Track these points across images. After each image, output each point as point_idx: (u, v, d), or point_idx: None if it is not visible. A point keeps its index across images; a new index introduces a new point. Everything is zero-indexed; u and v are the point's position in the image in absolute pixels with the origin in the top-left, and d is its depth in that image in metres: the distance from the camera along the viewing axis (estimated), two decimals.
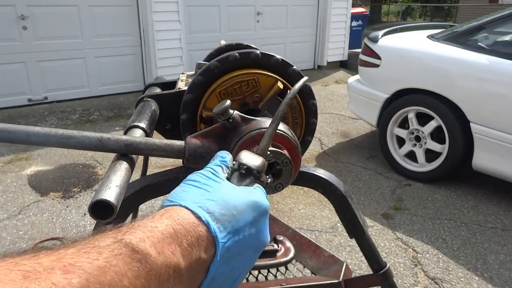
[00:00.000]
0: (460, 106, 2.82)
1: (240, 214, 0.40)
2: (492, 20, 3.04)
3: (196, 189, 0.41)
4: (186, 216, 0.37)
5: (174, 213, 0.37)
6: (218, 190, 0.41)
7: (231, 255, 0.38)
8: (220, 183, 0.43)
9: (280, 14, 6.63)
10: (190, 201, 0.39)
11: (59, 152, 3.60)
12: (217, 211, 0.38)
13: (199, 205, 0.38)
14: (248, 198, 0.42)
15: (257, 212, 0.42)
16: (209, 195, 0.40)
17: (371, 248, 0.90)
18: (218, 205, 0.39)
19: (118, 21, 5.07)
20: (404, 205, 2.83)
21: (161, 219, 0.36)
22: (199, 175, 0.43)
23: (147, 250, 0.32)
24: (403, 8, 22.71)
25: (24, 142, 0.59)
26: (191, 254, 0.35)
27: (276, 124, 0.53)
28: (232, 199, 0.41)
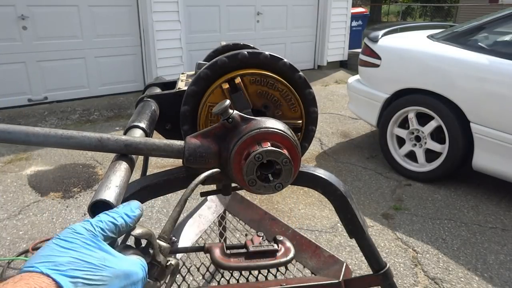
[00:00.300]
0: (460, 106, 2.82)
1: (108, 284, 0.39)
2: (492, 20, 3.04)
3: (64, 251, 0.38)
4: (47, 286, 0.35)
5: (32, 282, 0.35)
6: (90, 256, 0.39)
7: None
8: (96, 248, 0.40)
9: (280, 14, 6.63)
10: (53, 269, 0.36)
11: (59, 152, 3.60)
12: (81, 280, 0.37)
13: (62, 273, 0.36)
14: (121, 269, 0.41)
15: (127, 282, 0.41)
16: (78, 261, 0.38)
17: (371, 248, 0.90)
18: (85, 273, 0.38)
19: (118, 21, 5.07)
20: (404, 205, 2.83)
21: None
22: (76, 233, 0.41)
23: None
24: (403, 8, 22.71)
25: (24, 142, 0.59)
26: None
27: (180, 207, 0.52)
28: (104, 268, 0.39)
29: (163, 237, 0.50)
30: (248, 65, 0.75)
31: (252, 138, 0.61)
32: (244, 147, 0.61)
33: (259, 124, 0.62)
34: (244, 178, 0.60)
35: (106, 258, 0.40)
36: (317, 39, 7.26)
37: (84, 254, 0.39)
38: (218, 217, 1.59)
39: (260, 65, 0.75)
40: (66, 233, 0.41)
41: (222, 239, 1.65)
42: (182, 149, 0.64)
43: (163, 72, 5.27)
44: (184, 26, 5.43)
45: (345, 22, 7.38)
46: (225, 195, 0.94)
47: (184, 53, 5.49)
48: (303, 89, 0.77)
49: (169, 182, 0.73)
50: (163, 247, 0.49)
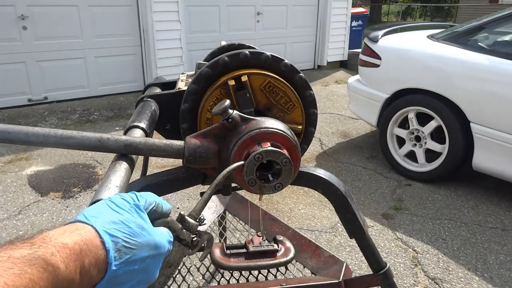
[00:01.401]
0: (460, 106, 2.82)
1: (139, 250, 0.43)
2: (492, 20, 3.04)
3: (113, 213, 0.44)
4: (93, 238, 0.40)
5: (83, 232, 0.40)
6: (131, 222, 0.44)
7: (118, 282, 0.42)
8: (137, 216, 0.45)
9: (280, 14, 6.63)
10: (100, 224, 0.42)
11: (59, 152, 3.60)
12: (121, 241, 0.42)
13: (107, 231, 0.41)
14: (153, 240, 0.45)
15: (154, 252, 0.45)
16: (122, 224, 0.43)
17: (371, 248, 0.90)
18: (125, 236, 0.42)
19: (118, 21, 5.07)
20: (404, 205, 2.83)
21: (70, 236, 0.39)
22: (123, 200, 0.46)
23: (58, 264, 0.36)
24: (403, 8, 22.70)
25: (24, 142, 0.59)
26: (87, 273, 0.39)
27: (211, 191, 0.55)
28: (140, 235, 0.44)
29: (192, 215, 0.53)
30: (248, 65, 0.75)
31: (252, 138, 0.61)
32: (244, 147, 0.61)
33: (259, 124, 0.62)
34: (244, 178, 0.60)
35: (143, 227, 0.45)
36: (317, 39, 7.26)
37: (127, 219, 0.44)
38: (218, 217, 1.59)
39: (261, 65, 0.75)
40: (116, 198, 0.46)
41: (222, 239, 1.65)
42: (182, 149, 0.64)
43: (163, 72, 5.27)
44: (184, 26, 5.43)
45: (345, 22, 7.38)
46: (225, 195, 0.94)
47: (184, 53, 5.49)
48: (303, 90, 0.77)
49: (169, 182, 0.73)
50: (191, 224, 0.52)
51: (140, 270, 0.44)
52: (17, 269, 0.33)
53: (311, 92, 0.78)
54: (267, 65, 0.75)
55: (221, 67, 0.74)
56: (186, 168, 0.73)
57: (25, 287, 0.33)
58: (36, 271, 0.34)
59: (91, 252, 0.39)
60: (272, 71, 0.75)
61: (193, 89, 0.74)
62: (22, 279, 0.33)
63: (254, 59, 0.74)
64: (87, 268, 0.39)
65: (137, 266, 0.43)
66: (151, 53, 5.23)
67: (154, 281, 0.49)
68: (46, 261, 0.35)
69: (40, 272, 0.34)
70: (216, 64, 0.74)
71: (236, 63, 0.74)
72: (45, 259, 0.35)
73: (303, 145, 0.80)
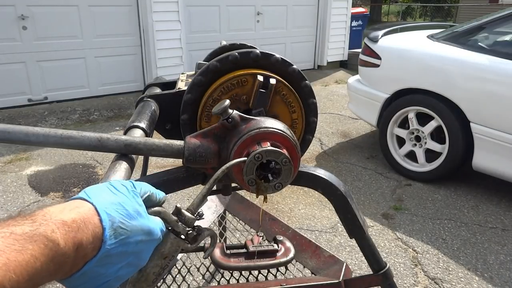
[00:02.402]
0: (460, 106, 2.82)
1: (133, 232, 0.45)
2: (492, 20, 3.04)
3: (112, 194, 0.46)
4: (91, 216, 0.42)
5: (82, 210, 0.42)
6: (129, 205, 0.46)
7: (109, 262, 0.43)
8: (134, 200, 0.47)
9: (280, 14, 6.63)
10: (100, 203, 0.43)
11: (59, 152, 3.60)
12: (117, 221, 0.43)
13: (105, 210, 0.43)
14: (147, 225, 0.47)
15: (147, 237, 0.47)
16: (119, 206, 0.45)
17: (371, 248, 0.90)
18: (122, 217, 0.44)
19: (118, 21, 5.07)
20: (404, 205, 2.83)
21: (70, 213, 0.41)
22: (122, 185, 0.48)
23: (58, 241, 0.37)
24: (403, 8, 22.70)
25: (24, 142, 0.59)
26: (83, 249, 0.40)
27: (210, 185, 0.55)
28: (136, 218, 0.46)
29: (190, 209, 0.54)
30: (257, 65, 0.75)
31: (252, 138, 0.61)
32: (244, 147, 0.61)
33: (258, 124, 0.62)
34: (244, 177, 0.60)
35: (139, 211, 0.47)
36: (317, 39, 7.26)
37: (125, 202, 0.46)
38: (218, 217, 1.59)
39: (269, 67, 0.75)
40: (116, 183, 0.49)
41: (222, 239, 1.65)
42: (182, 149, 0.64)
43: (163, 72, 5.27)
44: (184, 26, 5.43)
45: (345, 22, 7.38)
46: (225, 195, 0.94)
47: (184, 53, 5.49)
48: (307, 98, 0.77)
49: (169, 182, 0.73)
50: (187, 217, 0.53)
51: (132, 253, 0.45)
52: (19, 245, 0.35)
53: (314, 101, 0.78)
54: (275, 68, 0.75)
55: (229, 64, 0.74)
56: (186, 168, 0.73)
57: (27, 262, 0.34)
58: (37, 247, 0.36)
59: (88, 229, 0.41)
60: (278, 74, 0.75)
61: (199, 81, 0.74)
62: (23, 255, 0.34)
63: (264, 60, 0.74)
64: (84, 245, 0.40)
65: (130, 248, 0.45)
66: (151, 53, 5.23)
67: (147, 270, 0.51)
68: (47, 237, 0.37)
69: (41, 248, 0.36)
70: (226, 60, 0.74)
71: (245, 62, 0.74)
72: (46, 236, 0.37)
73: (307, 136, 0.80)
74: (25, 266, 0.34)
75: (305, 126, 0.78)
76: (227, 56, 0.74)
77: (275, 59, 0.74)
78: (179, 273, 1.28)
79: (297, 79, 0.76)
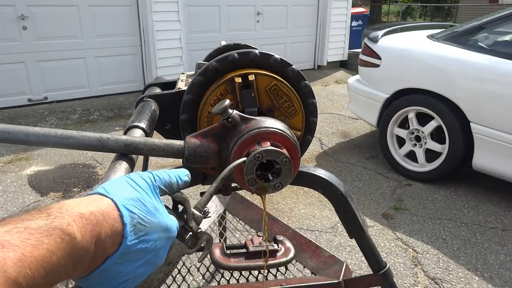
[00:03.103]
0: (460, 106, 2.82)
1: (152, 229, 0.44)
2: (492, 20, 3.04)
3: (131, 190, 0.45)
4: (110, 210, 0.41)
5: (101, 204, 0.41)
6: (148, 201, 0.45)
7: (128, 259, 0.42)
8: (153, 196, 0.47)
9: (280, 14, 6.63)
10: (119, 198, 0.42)
11: (59, 152, 3.60)
12: (137, 218, 0.43)
13: (126, 206, 0.42)
14: (165, 222, 0.46)
15: (166, 235, 0.47)
16: (139, 202, 0.44)
17: (371, 248, 0.90)
18: (141, 213, 0.43)
19: (118, 21, 5.07)
20: (404, 205, 2.83)
21: (87, 206, 0.39)
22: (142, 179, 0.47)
23: (74, 234, 0.36)
24: (403, 8, 22.70)
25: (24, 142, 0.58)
26: (102, 243, 0.39)
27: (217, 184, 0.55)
28: (154, 215, 0.45)
29: (198, 207, 0.54)
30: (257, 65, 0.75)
31: (252, 137, 0.61)
32: (244, 146, 0.61)
33: (258, 124, 0.62)
34: (244, 177, 0.60)
35: (157, 208, 0.46)
36: (317, 39, 7.26)
37: (144, 198, 0.45)
38: (218, 217, 1.59)
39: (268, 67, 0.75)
40: (135, 176, 0.47)
41: (222, 239, 1.65)
42: (182, 148, 0.64)
43: (163, 72, 5.27)
44: (184, 26, 5.43)
45: (345, 22, 7.38)
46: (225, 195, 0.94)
47: (184, 53, 5.49)
48: (307, 98, 0.77)
49: None
50: (196, 215, 0.53)
51: (151, 250, 0.45)
52: (34, 240, 0.33)
53: (314, 101, 0.78)
54: (275, 68, 0.75)
55: (229, 64, 0.74)
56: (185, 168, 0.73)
57: (43, 257, 0.33)
58: (53, 241, 0.34)
59: (108, 223, 0.40)
60: (278, 74, 0.75)
61: (198, 81, 0.74)
62: (39, 250, 0.33)
63: (263, 60, 0.74)
64: (102, 239, 0.39)
65: (149, 245, 0.44)
66: (151, 53, 5.23)
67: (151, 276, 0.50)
68: (63, 231, 0.35)
69: (57, 243, 0.35)
70: (225, 60, 0.74)
71: (244, 62, 0.74)
72: (62, 229, 0.35)
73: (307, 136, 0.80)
74: (41, 261, 0.33)
75: (305, 126, 0.78)
76: (226, 57, 0.74)
77: (274, 60, 0.74)
78: (179, 273, 1.28)
79: (296, 79, 0.76)
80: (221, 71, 0.74)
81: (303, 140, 0.80)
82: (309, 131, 0.79)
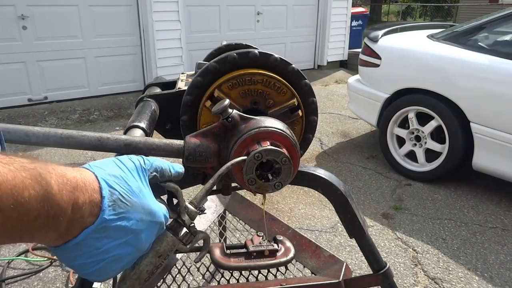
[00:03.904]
0: (460, 105, 2.82)
1: (133, 208, 0.44)
2: (492, 20, 3.04)
3: (116, 168, 0.46)
4: (92, 181, 0.41)
5: (83, 173, 0.42)
6: (132, 181, 0.45)
7: (106, 235, 0.42)
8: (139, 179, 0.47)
9: (280, 14, 6.63)
10: (101, 174, 0.43)
11: (59, 152, 3.60)
12: (117, 194, 0.43)
13: (106, 180, 0.43)
14: (148, 204, 0.46)
15: (149, 218, 0.46)
16: (121, 180, 0.44)
17: (371, 248, 0.90)
18: (123, 191, 0.43)
19: (118, 21, 5.07)
20: (404, 205, 2.83)
21: (71, 171, 0.40)
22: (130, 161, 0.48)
23: (51, 184, 0.36)
24: (403, 8, 22.70)
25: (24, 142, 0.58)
26: (79, 210, 0.39)
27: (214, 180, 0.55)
28: (138, 195, 0.45)
29: (193, 203, 0.54)
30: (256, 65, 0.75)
31: (252, 137, 0.61)
32: (244, 146, 0.61)
33: (258, 123, 0.62)
34: (244, 177, 0.60)
35: (142, 189, 0.46)
36: (317, 39, 7.26)
37: (128, 177, 0.45)
38: (218, 217, 1.59)
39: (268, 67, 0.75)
40: (124, 158, 0.48)
41: (222, 239, 1.65)
42: (181, 148, 0.64)
43: (163, 72, 5.27)
44: (184, 26, 5.43)
45: (345, 22, 7.38)
46: (225, 195, 0.94)
47: (184, 53, 5.49)
48: (307, 97, 0.77)
49: None
50: (190, 210, 0.53)
51: (131, 230, 0.44)
52: (13, 167, 0.33)
53: (314, 100, 0.78)
54: (274, 67, 0.75)
55: (228, 64, 0.74)
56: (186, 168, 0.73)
57: (15, 185, 0.33)
58: (30, 177, 0.34)
59: (87, 191, 0.40)
60: (278, 74, 0.75)
61: (198, 82, 0.74)
62: (14, 175, 0.33)
63: (262, 60, 0.74)
64: (80, 205, 0.39)
65: (129, 224, 0.43)
66: (151, 53, 5.23)
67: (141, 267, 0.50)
68: (41, 175, 0.35)
69: (33, 181, 0.34)
70: (224, 60, 0.74)
71: (244, 62, 0.74)
72: (41, 173, 0.35)
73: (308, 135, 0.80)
74: (11, 187, 0.32)
75: (306, 125, 0.78)
76: (225, 57, 0.74)
77: (273, 59, 0.74)
78: (179, 273, 1.28)
79: (296, 78, 0.76)
80: (221, 71, 0.74)
81: (304, 139, 0.80)
82: (310, 130, 0.79)
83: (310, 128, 0.79)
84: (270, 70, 0.75)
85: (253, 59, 0.74)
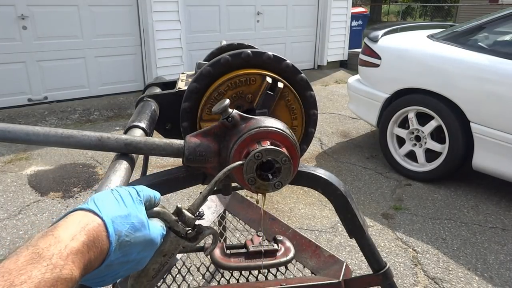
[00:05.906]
0: (460, 106, 2.82)
1: (136, 244, 0.46)
2: (492, 20, 3.03)
3: (119, 208, 0.46)
4: (99, 233, 0.42)
5: (92, 227, 0.42)
6: (134, 217, 0.46)
7: (109, 270, 0.45)
8: (139, 212, 0.48)
9: (280, 14, 6.63)
10: (109, 217, 0.44)
11: (59, 152, 3.60)
12: (123, 235, 0.44)
13: (114, 225, 0.44)
14: (149, 236, 0.48)
15: (149, 247, 0.49)
16: (126, 218, 0.45)
17: (371, 248, 0.90)
18: (128, 230, 0.45)
19: (118, 21, 5.07)
20: (404, 205, 2.83)
21: (80, 236, 0.40)
22: (128, 195, 0.49)
23: (76, 275, 0.38)
24: (403, 8, 22.69)
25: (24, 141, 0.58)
26: (91, 267, 0.41)
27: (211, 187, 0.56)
28: (140, 230, 0.46)
29: (191, 209, 0.54)
30: (251, 64, 0.75)
31: (252, 137, 0.61)
32: (244, 146, 0.61)
33: (258, 123, 0.62)
34: (244, 176, 0.60)
35: (143, 223, 0.47)
36: (317, 39, 7.26)
37: (131, 214, 0.46)
38: (218, 217, 1.59)
39: (262, 65, 0.75)
40: (122, 191, 0.49)
41: (222, 239, 1.65)
42: (182, 148, 0.64)
43: (163, 72, 5.27)
44: (184, 26, 5.43)
45: (345, 22, 7.38)
46: (225, 195, 0.94)
47: (184, 53, 5.49)
48: (304, 91, 0.77)
49: (169, 182, 0.73)
50: (187, 217, 0.53)
51: (132, 261, 0.47)
52: None
53: (312, 93, 0.78)
54: (268, 65, 0.75)
55: (222, 66, 0.74)
56: (186, 168, 0.73)
57: None
58: None
59: (97, 247, 0.41)
60: (273, 71, 0.75)
61: (194, 88, 0.74)
62: None
63: (256, 59, 0.74)
64: (92, 263, 0.41)
65: (132, 257, 0.46)
66: (151, 53, 5.23)
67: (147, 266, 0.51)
68: (67, 280, 0.37)
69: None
70: (218, 63, 0.74)
71: (238, 62, 0.74)
72: (66, 278, 0.37)
73: (302, 146, 0.80)
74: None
75: (306, 119, 0.78)
76: (218, 60, 0.74)
77: (267, 57, 0.74)
78: (179, 273, 1.28)
79: (292, 73, 0.76)
80: (216, 74, 0.74)
81: (305, 133, 0.80)
82: (311, 123, 0.79)
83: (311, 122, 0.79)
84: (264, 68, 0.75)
85: (246, 59, 0.74)
